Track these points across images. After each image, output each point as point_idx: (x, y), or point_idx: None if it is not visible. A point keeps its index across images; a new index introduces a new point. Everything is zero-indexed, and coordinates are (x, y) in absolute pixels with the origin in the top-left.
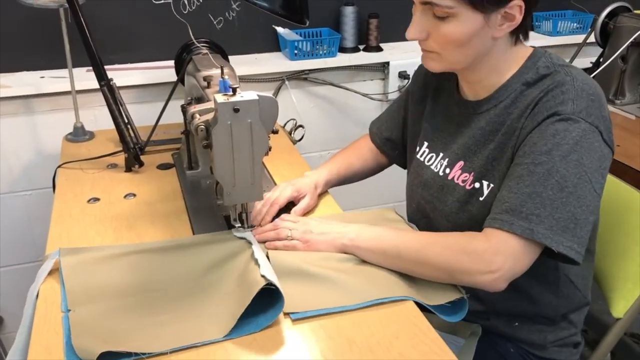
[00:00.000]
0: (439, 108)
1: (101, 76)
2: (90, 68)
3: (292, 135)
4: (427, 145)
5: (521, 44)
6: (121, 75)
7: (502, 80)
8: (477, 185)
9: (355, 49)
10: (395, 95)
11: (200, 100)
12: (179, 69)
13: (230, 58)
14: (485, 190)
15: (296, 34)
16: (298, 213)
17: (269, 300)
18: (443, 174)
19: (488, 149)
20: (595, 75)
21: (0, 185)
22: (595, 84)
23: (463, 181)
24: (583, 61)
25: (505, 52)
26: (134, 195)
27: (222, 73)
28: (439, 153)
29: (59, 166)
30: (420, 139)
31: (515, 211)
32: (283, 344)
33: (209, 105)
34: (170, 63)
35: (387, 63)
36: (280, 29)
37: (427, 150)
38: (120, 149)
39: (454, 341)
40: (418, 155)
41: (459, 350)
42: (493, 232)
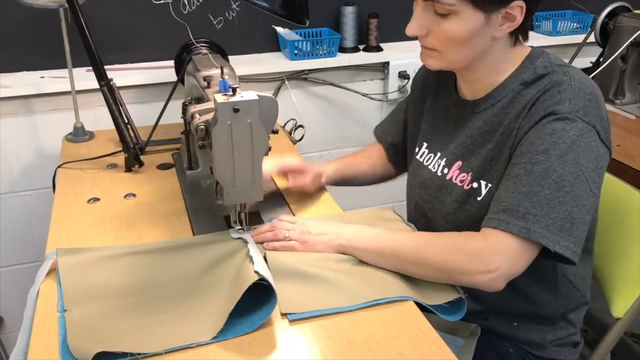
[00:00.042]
0: (437, 108)
1: (101, 76)
2: (90, 68)
3: (292, 135)
4: (426, 145)
5: (520, 44)
6: (121, 75)
7: (500, 80)
8: (475, 185)
9: (355, 49)
10: (395, 95)
11: (200, 100)
12: (179, 69)
13: (230, 58)
14: (483, 190)
15: (296, 34)
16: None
17: (264, 299)
18: (441, 174)
19: (486, 148)
20: (595, 75)
21: (1, 185)
22: (592, 84)
23: (461, 181)
24: (583, 61)
25: (504, 53)
26: (134, 195)
27: (222, 73)
28: (437, 153)
29: (59, 166)
30: (419, 140)
31: (512, 210)
32: (283, 344)
33: (209, 105)
34: (170, 63)
35: (387, 63)
36: (280, 29)
37: (426, 151)
38: (120, 149)
39: (453, 341)
40: (417, 156)
41: (458, 350)
42: (490, 232)
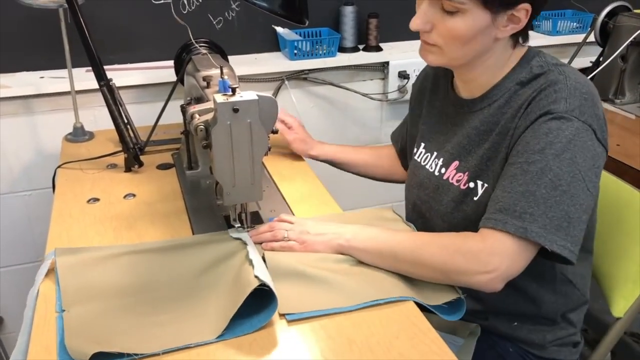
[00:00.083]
0: (434, 109)
1: (101, 76)
2: (90, 68)
3: None
4: (424, 145)
5: (520, 46)
6: (121, 75)
7: (497, 80)
8: (472, 185)
9: (355, 49)
10: (395, 95)
11: (199, 100)
12: (179, 69)
13: (230, 58)
14: (479, 190)
15: (296, 33)
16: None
17: (263, 301)
18: (438, 174)
19: (482, 148)
20: (595, 74)
21: (1, 185)
22: (588, 83)
23: (457, 181)
24: (583, 60)
25: (504, 53)
26: (134, 195)
27: (222, 73)
28: (434, 152)
29: (58, 166)
30: (417, 141)
31: (509, 210)
32: (283, 344)
33: (208, 105)
34: (170, 63)
35: (387, 63)
36: (279, 29)
37: (424, 151)
38: (120, 149)
39: (453, 341)
40: (415, 156)
41: (458, 350)
42: (488, 232)
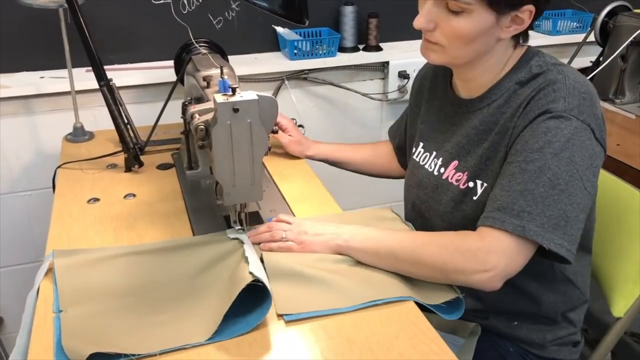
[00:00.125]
0: (433, 108)
1: (101, 76)
2: (90, 68)
3: None
4: (423, 145)
5: (520, 46)
6: (121, 75)
7: (496, 80)
8: (471, 184)
9: (355, 49)
10: (395, 95)
11: (199, 100)
12: (179, 69)
13: (230, 58)
14: (479, 190)
15: (296, 33)
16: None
17: (259, 300)
18: (437, 174)
19: (482, 148)
20: (595, 74)
21: (1, 185)
22: (587, 82)
23: (457, 180)
24: (583, 60)
25: (505, 53)
26: (134, 195)
27: (222, 73)
28: (433, 152)
29: (58, 166)
30: (416, 140)
31: (507, 209)
32: (283, 344)
33: (208, 105)
34: (170, 63)
35: (387, 63)
36: (279, 29)
37: (422, 151)
38: (120, 149)
39: (454, 341)
40: (414, 156)
41: (458, 349)
42: (486, 231)
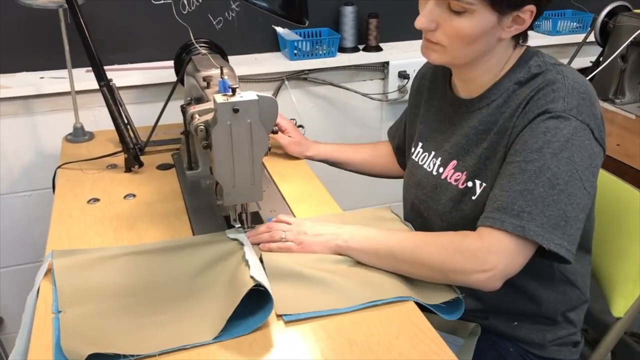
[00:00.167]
0: (432, 108)
1: (101, 77)
2: (90, 68)
3: None
4: (421, 145)
5: (520, 46)
6: (121, 75)
7: (496, 80)
8: (470, 184)
9: (355, 49)
10: (395, 95)
11: (199, 100)
12: (179, 69)
13: (230, 58)
14: (477, 190)
15: (296, 34)
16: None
17: (259, 302)
18: (436, 174)
19: (481, 148)
20: (595, 74)
21: (1, 185)
22: (586, 82)
23: (456, 180)
24: (583, 60)
25: (505, 54)
26: (134, 195)
27: (222, 73)
28: (432, 152)
29: (58, 167)
30: (415, 140)
31: (507, 209)
32: (283, 344)
33: (208, 105)
34: (170, 63)
35: (387, 63)
36: (279, 29)
37: (421, 151)
38: (120, 149)
39: (454, 341)
40: (413, 156)
41: (458, 349)
42: (486, 231)
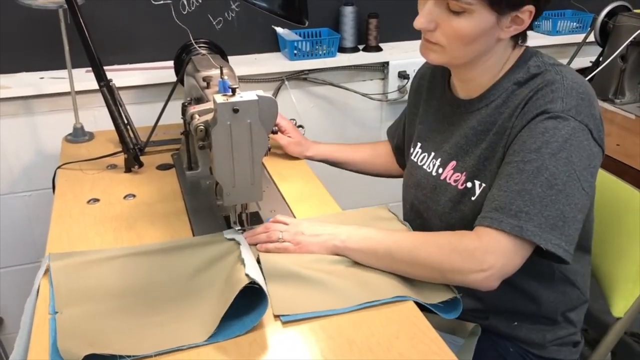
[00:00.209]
0: (431, 108)
1: (100, 77)
2: (90, 69)
3: None
4: (420, 145)
5: (519, 46)
6: (121, 75)
7: (495, 80)
8: (469, 185)
9: (355, 49)
10: (395, 95)
11: (199, 100)
12: (179, 70)
13: (230, 58)
14: (477, 190)
15: (295, 34)
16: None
17: (255, 301)
18: (436, 174)
19: (480, 148)
20: (594, 74)
21: (1, 186)
22: (585, 83)
23: (455, 181)
24: (583, 60)
25: (504, 54)
26: (134, 195)
27: (222, 73)
28: (431, 153)
29: (58, 167)
30: (414, 140)
31: (505, 209)
32: (283, 344)
33: (208, 105)
34: (170, 63)
35: (387, 63)
36: (279, 29)
37: (420, 151)
38: (120, 149)
39: (454, 341)
40: (412, 156)
41: (458, 349)
42: (484, 231)
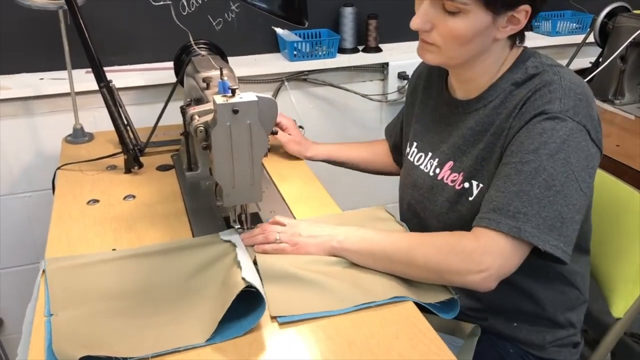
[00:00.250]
0: (428, 108)
1: (100, 78)
2: (90, 69)
3: None
4: (416, 145)
5: (516, 47)
6: (120, 76)
7: (493, 80)
8: (467, 185)
9: (355, 50)
10: (394, 96)
11: (199, 101)
12: (179, 71)
13: (230, 59)
14: (474, 190)
15: (295, 35)
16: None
17: (252, 303)
18: (433, 174)
19: (477, 148)
20: (594, 75)
21: (1, 187)
22: (583, 84)
23: (452, 181)
24: (582, 61)
25: (501, 54)
26: (134, 196)
27: (222, 74)
28: (428, 153)
29: (58, 168)
30: (410, 140)
31: (503, 210)
32: (282, 345)
33: (208, 106)
34: (170, 64)
35: (387, 64)
36: (279, 30)
37: (416, 151)
38: (120, 150)
39: (453, 342)
40: (408, 156)
41: (458, 350)
42: (481, 232)
